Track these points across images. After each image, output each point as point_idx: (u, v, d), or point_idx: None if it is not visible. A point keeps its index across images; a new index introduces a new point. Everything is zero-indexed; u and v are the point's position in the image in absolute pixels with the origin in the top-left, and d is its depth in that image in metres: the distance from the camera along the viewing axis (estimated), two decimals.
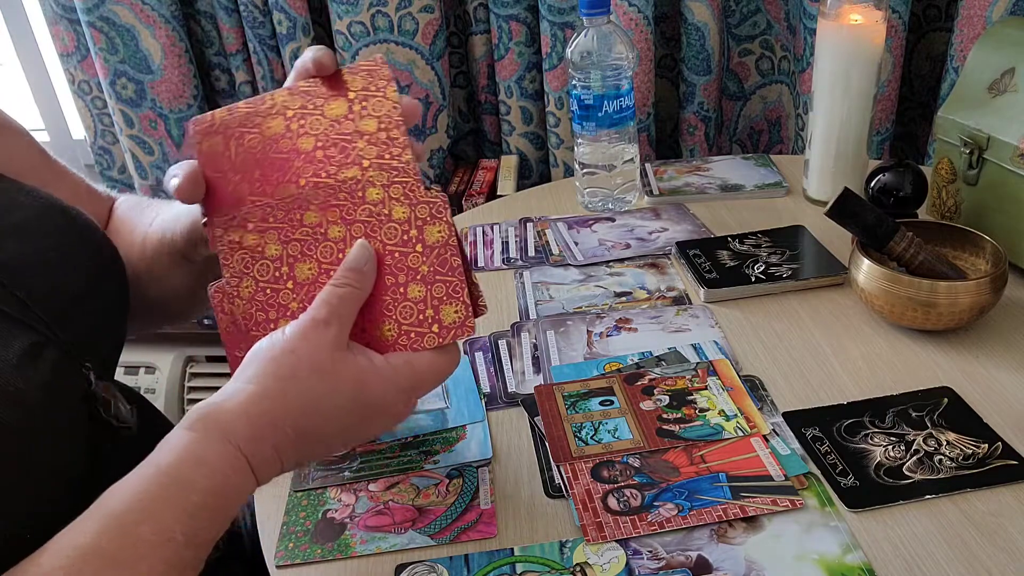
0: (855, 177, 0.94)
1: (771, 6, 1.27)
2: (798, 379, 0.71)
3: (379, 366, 0.50)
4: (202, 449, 0.45)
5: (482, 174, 1.40)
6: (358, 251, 0.53)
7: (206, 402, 0.47)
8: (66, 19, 1.42)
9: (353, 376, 0.49)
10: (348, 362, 0.49)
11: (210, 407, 0.47)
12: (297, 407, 0.48)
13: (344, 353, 0.50)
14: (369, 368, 0.50)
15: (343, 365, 0.49)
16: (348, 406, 0.49)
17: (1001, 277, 0.71)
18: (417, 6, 1.29)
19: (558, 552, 0.57)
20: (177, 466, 0.44)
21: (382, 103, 0.56)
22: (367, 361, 0.50)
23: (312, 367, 0.48)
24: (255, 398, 0.47)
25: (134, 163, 1.52)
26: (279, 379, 0.48)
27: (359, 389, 0.49)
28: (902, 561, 0.54)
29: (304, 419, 0.48)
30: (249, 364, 0.49)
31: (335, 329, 0.50)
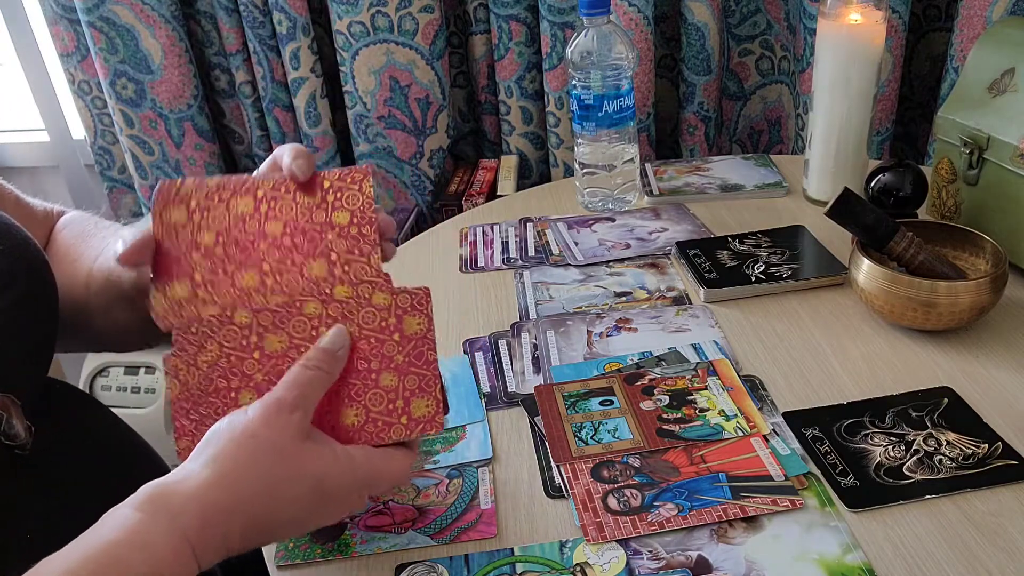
0: (855, 177, 0.94)
1: (771, 6, 1.27)
2: (798, 379, 0.71)
3: (340, 458, 0.49)
4: (147, 533, 0.43)
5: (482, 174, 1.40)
6: (335, 335, 0.52)
7: (158, 482, 0.46)
8: (66, 19, 1.42)
9: (314, 466, 0.48)
10: (310, 452, 0.48)
11: (161, 488, 0.45)
12: (252, 495, 0.46)
13: (307, 442, 0.48)
14: (331, 459, 0.49)
15: (305, 454, 0.48)
16: (305, 496, 0.48)
17: (1001, 277, 0.71)
18: (417, 6, 1.29)
19: (558, 552, 0.57)
20: (119, 547, 0.42)
21: (356, 197, 0.55)
22: (329, 452, 0.49)
23: (273, 454, 0.47)
24: (210, 485, 0.45)
25: (134, 163, 1.52)
26: (237, 465, 0.46)
27: (318, 480, 0.48)
28: (902, 561, 0.54)
29: (258, 507, 0.46)
30: (208, 445, 0.47)
31: (299, 415, 0.48)
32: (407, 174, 1.44)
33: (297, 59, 1.34)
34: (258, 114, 1.46)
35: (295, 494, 0.47)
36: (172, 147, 1.48)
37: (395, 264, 0.94)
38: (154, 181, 1.53)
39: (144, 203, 1.57)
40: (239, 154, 1.55)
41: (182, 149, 1.48)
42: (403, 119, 1.39)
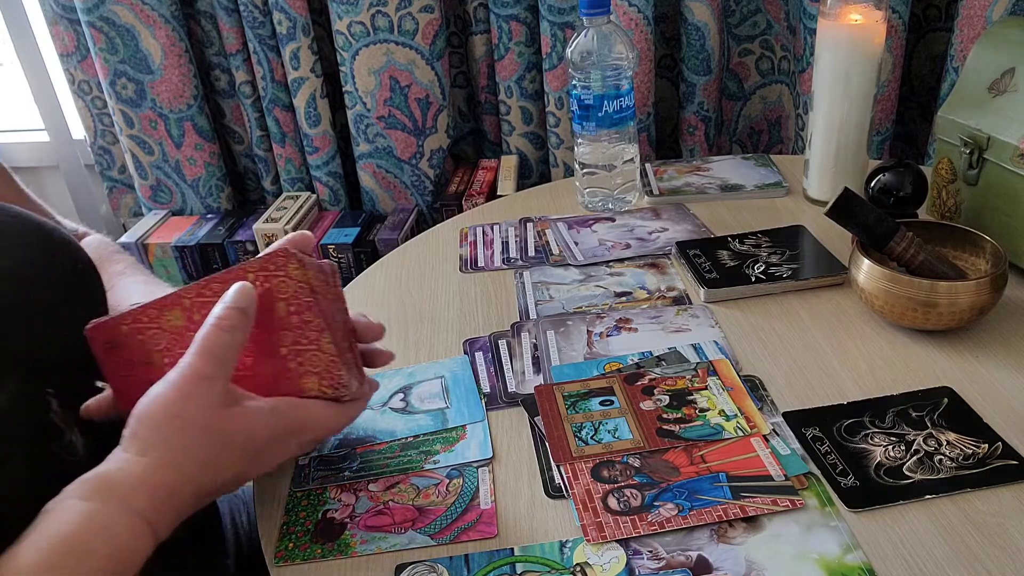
0: (855, 177, 0.94)
1: (771, 6, 1.27)
2: (798, 379, 0.71)
3: (264, 412, 0.51)
4: (103, 518, 0.44)
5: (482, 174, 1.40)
6: (240, 290, 0.52)
7: (98, 473, 0.47)
8: (66, 19, 1.43)
9: (242, 427, 0.50)
10: (235, 417, 0.50)
11: (105, 478, 0.46)
12: (193, 471, 0.48)
13: (229, 408, 0.50)
14: (255, 416, 0.51)
15: (232, 422, 0.50)
16: (240, 454, 0.50)
17: (1001, 277, 0.71)
18: (417, 6, 1.29)
19: (558, 552, 0.57)
20: (77, 535, 0.43)
21: (285, 283, 0.54)
22: (253, 410, 0.51)
23: (201, 429, 0.49)
24: (152, 471, 0.47)
25: (134, 163, 1.52)
26: (172, 449, 0.48)
27: (248, 438, 0.50)
28: (902, 561, 0.54)
29: (201, 478, 0.49)
30: (135, 435, 0.48)
31: (219, 384, 0.50)
32: (407, 174, 1.44)
33: (297, 59, 1.34)
34: (258, 114, 1.46)
35: (232, 457, 0.50)
36: (172, 147, 1.49)
37: (395, 264, 0.95)
38: (154, 181, 1.54)
39: (144, 203, 1.57)
40: (239, 154, 1.55)
41: (182, 149, 1.48)
42: (403, 119, 1.39)
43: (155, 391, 0.49)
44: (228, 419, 0.50)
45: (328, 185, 1.47)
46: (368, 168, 1.44)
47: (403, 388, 0.74)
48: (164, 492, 0.47)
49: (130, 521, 0.45)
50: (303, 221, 1.44)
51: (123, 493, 0.46)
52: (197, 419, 0.49)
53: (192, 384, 0.49)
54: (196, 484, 0.49)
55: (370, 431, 0.69)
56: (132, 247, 1.48)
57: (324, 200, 1.50)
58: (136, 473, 0.47)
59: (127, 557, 0.45)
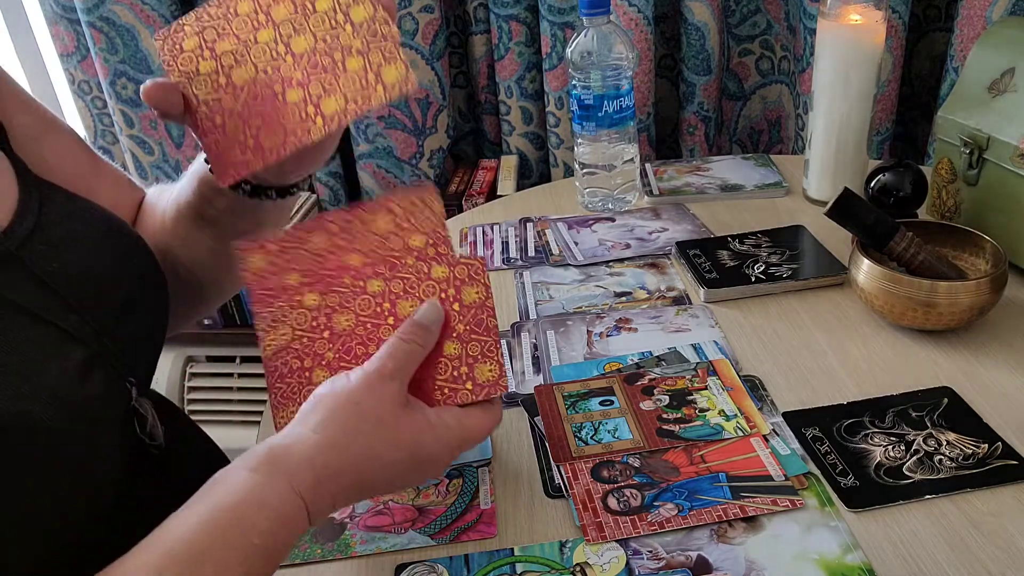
0: (855, 177, 0.94)
1: (771, 6, 1.27)
2: (798, 379, 0.71)
3: (434, 423, 0.52)
4: (266, 492, 0.45)
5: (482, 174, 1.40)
6: (428, 310, 0.55)
7: (268, 444, 0.48)
8: (66, 19, 1.42)
9: (412, 432, 0.51)
10: (408, 418, 0.51)
11: (275, 450, 0.47)
12: (359, 459, 0.49)
13: (405, 409, 0.51)
14: (426, 425, 0.51)
15: (404, 421, 0.51)
16: (404, 460, 0.51)
17: (1001, 277, 0.71)
18: (417, 6, 1.29)
19: (558, 552, 0.57)
20: (240, 507, 0.44)
21: (429, 219, 0.57)
22: (424, 419, 0.52)
23: (376, 421, 0.50)
24: (320, 448, 0.48)
25: (134, 163, 1.52)
26: (345, 431, 0.49)
27: (417, 445, 0.51)
28: (902, 561, 0.54)
29: (363, 470, 0.49)
30: (313, 411, 0.50)
31: (398, 384, 0.51)
32: (407, 174, 1.44)
33: None
34: None
35: (395, 458, 0.50)
36: (172, 147, 1.48)
37: None
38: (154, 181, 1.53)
39: None
40: None
41: (182, 149, 1.48)
42: (403, 119, 1.39)
43: (339, 380, 0.51)
44: (402, 419, 0.50)
45: (328, 185, 1.47)
46: (368, 168, 1.44)
47: None
48: (327, 472, 0.47)
49: (289, 498, 0.46)
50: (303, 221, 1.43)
51: (289, 467, 0.46)
52: (374, 410, 0.50)
53: (375, 379, 0.51)
54: (358, 473, 0.49)
55: None
56: None
57: (324, 200, 1.50)
58: (306, 448, 0.47)
59: (284, 535, 0.45)
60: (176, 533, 0.43)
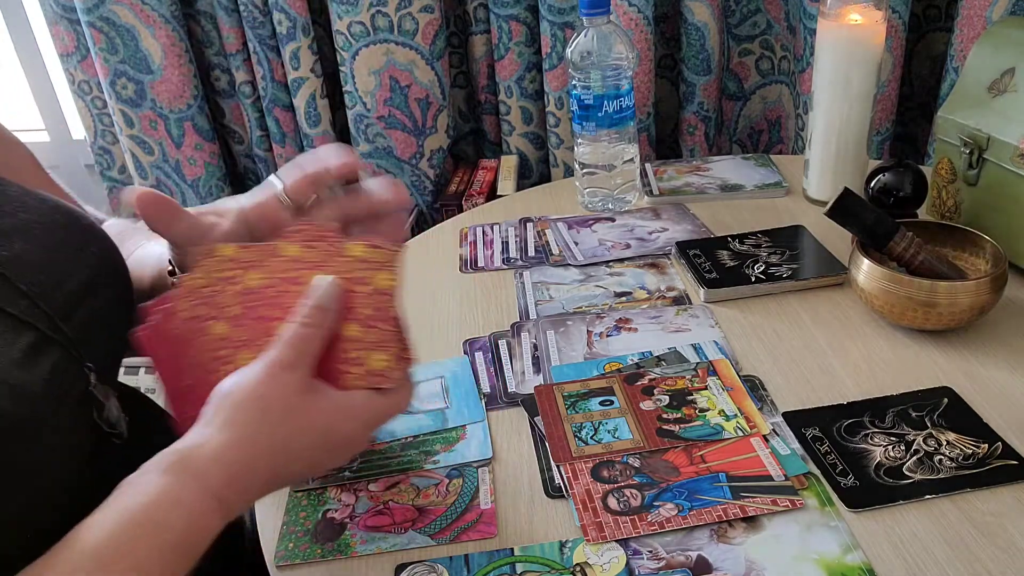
0: (855, 177, 0.94)
1: (771, 6, 1.27)
2: (798, 379, 0.71)
3: (342, 406, 0.52)
4: (179, 493, 0.45)
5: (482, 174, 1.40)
6: (327, 289, 0.53)
7: (175, 448, 0.48)
8: (66, 19, 1.42)
9: (320, 417, 0.51)
10: (314, 405, 0.51)
11: (181, 453, 0.47)
12: (268, 451, 0.49)
13: (310, 395, 0.51)
14: (334, 408, 0.51)
15: (310, 407, 0.50)
16: (316, 443, 0.51)
17: (1001, 277, 0.71)
18: (417, 6, 1.29)
19: (558, 552, 0.57)
20: (153, 508, 0.45)
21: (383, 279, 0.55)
22: (331, 402, 0.51)
23: (281, 412, 0.49)
24: (228, 446, 0.48)
25: (134, 163, 1.52)
26: (249, 426, 0.49)
27: (327, 428, 0.51)
28: (902, 561, 0.54)
29: (275, 461, 0.49)
30: (219, 409, 0.49)
31: (300, 372, 0.51)
32: (407, 174, 1.44)
33: (297, 59, 1.34)
34: (258, 114, 1.46)
35: (306, 444, 0.50)
36: (172, 147, 1.48)
37: None
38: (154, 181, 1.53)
39: None
40: (239, 154, 1.55)
41: (182, 149, 1.48)
42: (403, 119, 1.39)
43: (238, 374, 0.51)
44: (308, 405, 0.50)
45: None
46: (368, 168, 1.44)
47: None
48: (238, 469, 0.48)
49: (203, 497, 0.46)
50: None
51: (198, 468, 0.47)
52: (278, 401, 0.49)
53: (275, 369, 0.50)
54: (270, 465, 0.49)
55: None
56: None
57: None
58: (213, 448, 0.48)
59: (199, 533, 0.46)
60: (91, 535, 0.43)
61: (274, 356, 0.51)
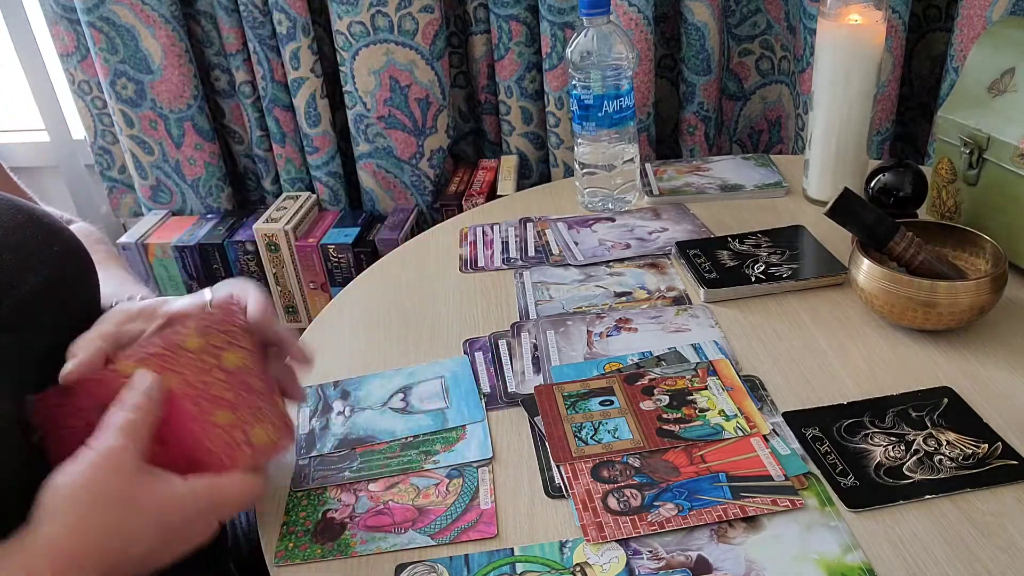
0: (855, 177, 0.94)
1: (771, 6, 1.27)
2: (798, 379, 0.71)
3: (180, 491, 0.50)
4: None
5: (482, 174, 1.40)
6: (140, 377, 0.52)
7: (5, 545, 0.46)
8: (66, 19, 1.43)
9: (152, 503, 0.49)
10: (147, 489, 0.50)
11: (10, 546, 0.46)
12: (100, 540, 0.48)
13: (142, 478, 0.50)
14: (169, 494, 0.50)
15: (142, 491, 0.49)
16: (151, 530, 0.49)
17: (1001, 277, 0.71)
18: (417, 6, 1.29)
19: (558, 552, 0.57)
20: None
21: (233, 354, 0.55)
22: (167, 487, 0.50)
23: (111, 497, 0.48)
24: (55, 537, 0.46)
25: (134, 163, 1.52)
26: (79, 515, 0.47)
27: (160, 515, 0.50)
28: (902, 561, 0.54)
29: (107, 549, 0.48)
30: (44, 504, 0.48)
31: (130, 454, 0.49)
32: (407, 174, 1.44)
33: (297, 59, 1.34)
34: (258, 114, 1.46)
35: (141, 526, 0.49)
36: (172, 147, 1.48)
37: (395, 264, 0.95)
38: (154, 181, 1.54)
39: (144, 203, 1.57)
40: (239, 154, 1.55)
41: (182, 149, 1.48)
42: (403, 119, 1.39)
43: (66, 466, 0.49)
44: (138, 487, 0.49)
45: (328, 185, 1.47)
46: (368, 168, 1.44)
47: (403, 388, 0.74)
48: (65, 559, 0.46)
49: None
50: (303, 221, 1.44)
51: (24, 561, 0.45)
52: (105, 486, 0.48)
53: (101, 457, 0.49)
54: (101, 553, 0.47)
55: (370, 431, 0.69)
56: (132, 247, 1.48)
57: (324, 200, 1.50)
58: (40, 539, 0.46)
59: None
60: None
61: (101, 443, 0.49)
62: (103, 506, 0.48)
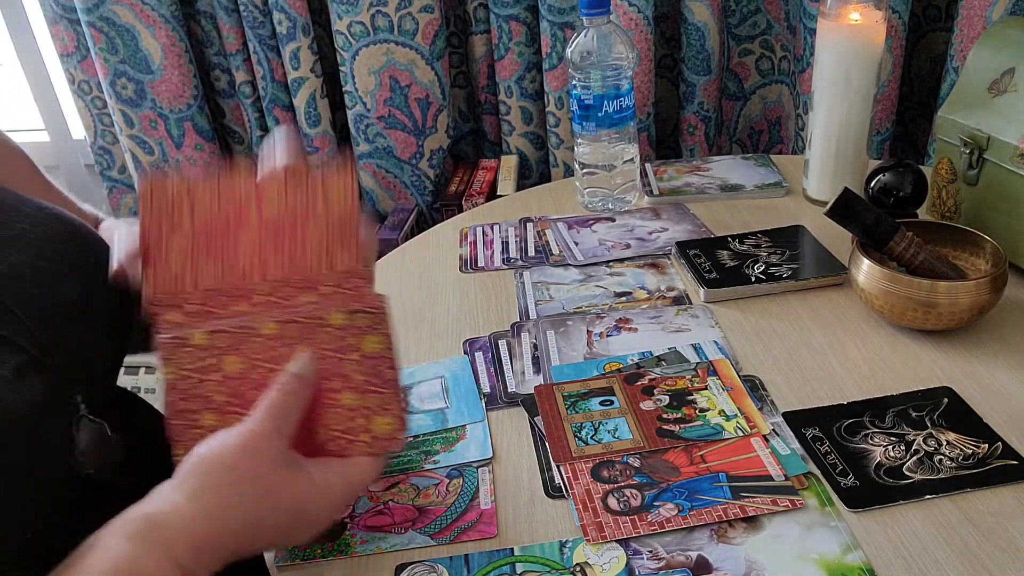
0: (855, 177, 0.94)
1: (771, 6, 1.27)
2: (798, 379, 0.71)
3: (318, 484, 0.51)
4: (142, 563, 0.44)
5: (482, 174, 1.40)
6: (303, 361, 0.53)
7: (144, 513, 0.47)
8: (66, 19, 1.42)
9: (294, 496, 0.50)
10: (289, 482, 0.50)
11: (151, 520, 0.46)
12: (238, 526, 0.48)
13: (285, 470, 0.50)
14: (309, 487, 0.51)
15: (285, 485, 0.50)
16: (287, 521, 0.50)
17: (1001, 277, 0.71)
18: (417, 6, 1.29)
19: (558, 552, 0.57)
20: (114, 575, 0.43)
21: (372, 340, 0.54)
22: (307, 479, 0.51)
23: (254, 485, 0.49)
24: (197, 518, 0.47)
25: (134, 163, 1.52)
26: (221, 499, 0.48)
27: (299, 507, 0.50)
28: (902, 561, 0.54)
29: (244, 535, 0.49)
30: (190, 475, 0.48)
31: (277, 444, 0.50)
32: (407, 174, 1.44)
33: (297, 59, 1.34)
34: (258, 114, 1.46)
35: (277, 522, 0.50)
36: (172, 147, 1.48)
37: (395, 264, 0.95)
38: None
39: None
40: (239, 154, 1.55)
41: (182, 149, 1.48)
42: (403, 119, 1.39)
43: (216, 439, 0.50)
44: (282, 481, 0.50)
45: None
46: (368, 168, 1.44)
47: (403, 388, 0.73)
48: (205, 543, 0.47)
49: (169, 568, 0.45)
50: None
51: (166, 538, 0.45)
52: (252, 474, 0.49)
53: (252, 440, 0.49)
54: (237, 540, 0.48)
55: None
56: None
57: None
58: (182, 518, 0.47)
59: None
60: None
61: (252, 425, 0.50)
62: (245, 498, 0.48)
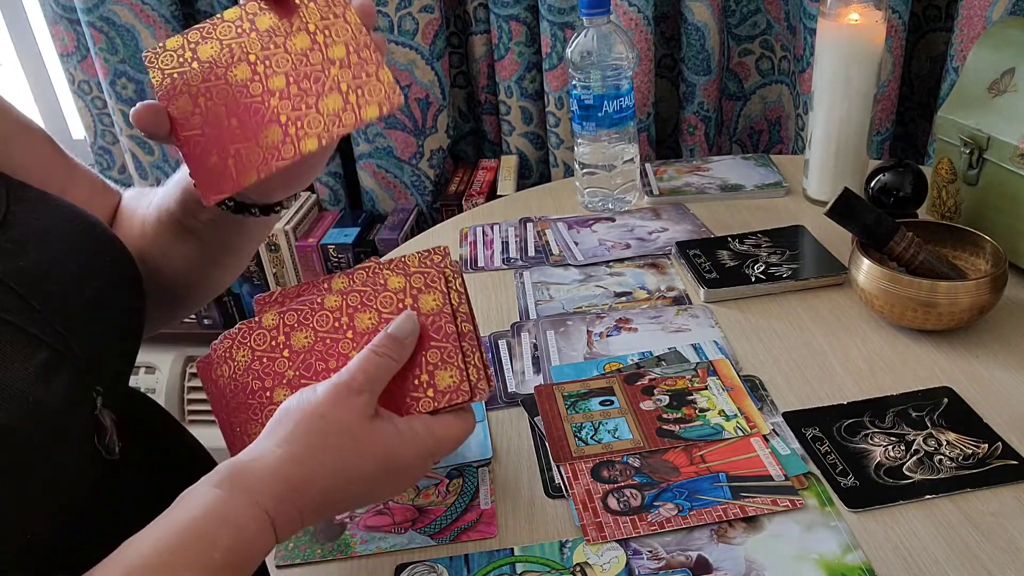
0: (855, 177, 0.94)
1: (771, 6, 1.27)
2: (798, 379, 0.71)
3: (404, 434, 0.51)
4: (228, 508, 0.45)
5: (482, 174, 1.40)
6: (404, 322, 0.54)
7: (233, 460, 0.47)
8: (66, 19, 1.43)
9: (381, 445, 0.50)
10: (376, 431, 0.50)
11: (238, 466, 0.47)
12: (325, 472, 0.48)
13: (373, 422, 0.50)
14: (395, 436, 0.51)
15: (372, 434, 0.50)
16: (374, 472, 0.50)
17: (1001, 277, 0.71)
18: (417, 6, 1.29)
19: (558, 552, 0.57)
20: (202, 523, 0.44)
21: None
22: (393, 429, 0.51)
23: (342, 435, 0.49)
24: (285, 462, 0.47)
25: (134, 163, 1.52)
26: (309, 445, 0.48)
27: (386, 457, 0.50)
28: (902, 561, 0.54)
29: (330, 483, 0.48)
30: (279, 424, 0.49)
31: (366, 397, 0.50)
32: (407, 174, 1.44)
33: None
34: None
35: (364, 471, 0.49)
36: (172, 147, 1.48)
37: None
38: (154, 181, 1.53)
39: None
40: None
41: None
42: (403, 119, 1.39)
43: (305, 392, 0.50)
44: (370, 431, 0.50)
45: (328, 185, 1.47)
46: (368, 168, 1.44)
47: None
48: (292, 485, 0.47)
49: (254, 513, 0.45)
50: (303, 221, 1.44)
51: (251, 483, 0.46)
52: (340, 423, 0.49)
53: (342, 391, 0.50)
54: (325, 486, 0.48)
55: None
56: None
57: (324, 200, 1.50)
58: (270, 462, 0.47)
59: (248, 550, 0.45)
60: (138, 551, 0.42)
61: (342, 379, 0.50)
62: (333, 442, 0.48)
